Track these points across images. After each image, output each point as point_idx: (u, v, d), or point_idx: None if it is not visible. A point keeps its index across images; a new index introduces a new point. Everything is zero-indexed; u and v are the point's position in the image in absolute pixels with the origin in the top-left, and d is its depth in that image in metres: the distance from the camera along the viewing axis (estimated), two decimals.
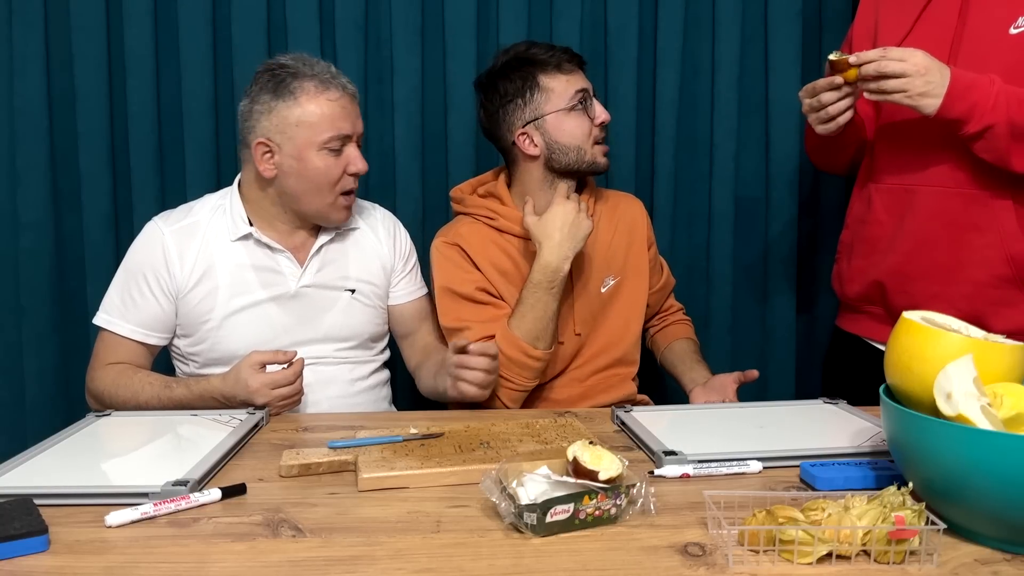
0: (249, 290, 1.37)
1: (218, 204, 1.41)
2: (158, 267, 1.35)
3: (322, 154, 1.31)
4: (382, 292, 1.49)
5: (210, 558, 0.74)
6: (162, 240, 1.36)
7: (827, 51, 1.89)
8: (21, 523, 0.75)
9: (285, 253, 1.39)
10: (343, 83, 1.34)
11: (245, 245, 1.38)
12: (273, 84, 1.31)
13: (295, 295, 1.39)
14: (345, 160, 1.34)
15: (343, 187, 1.35)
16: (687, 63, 1.89)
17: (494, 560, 0.73)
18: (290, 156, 1.31)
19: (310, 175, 1.32)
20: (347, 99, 1.34)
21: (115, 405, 1.30)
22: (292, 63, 1.33)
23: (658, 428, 1.09)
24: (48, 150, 1.78)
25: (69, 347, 1.83)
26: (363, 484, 0.91)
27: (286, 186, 1.34)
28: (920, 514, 0.72)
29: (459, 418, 1.21)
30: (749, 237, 1.96)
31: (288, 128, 1.30)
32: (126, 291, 1.36)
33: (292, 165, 1.32)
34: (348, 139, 1.34)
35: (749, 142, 1.93)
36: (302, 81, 1.30)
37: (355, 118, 1.35)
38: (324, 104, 1.30)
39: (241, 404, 1.24)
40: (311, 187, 1.33)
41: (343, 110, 1.32)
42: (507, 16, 1.82)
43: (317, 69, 1.33)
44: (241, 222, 1.37)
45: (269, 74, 1.32)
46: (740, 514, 0.79)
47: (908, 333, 0.83)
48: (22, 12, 1.74)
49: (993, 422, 0.72)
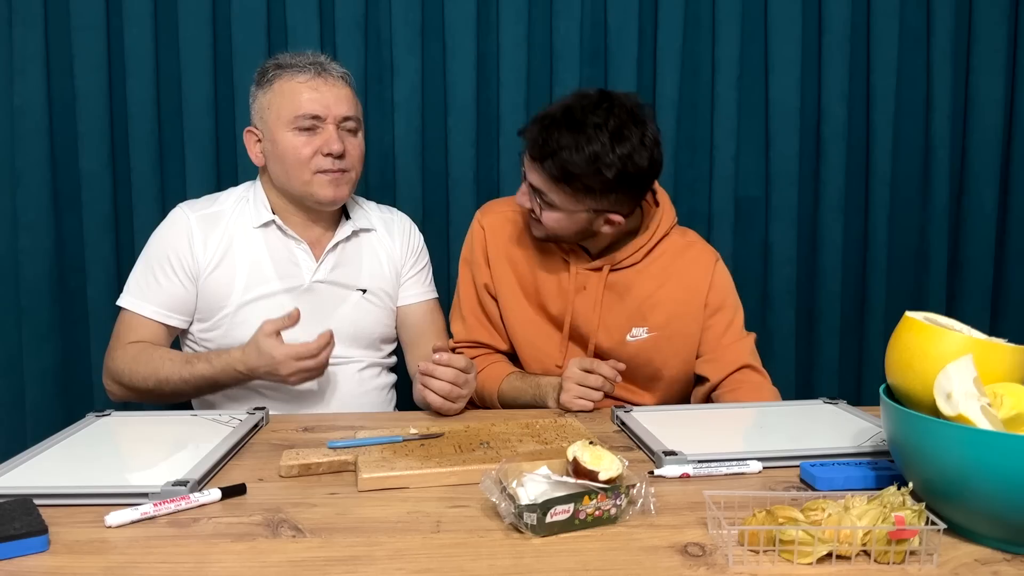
0: (265, 280, 1.38)
1: (242, 195, 1.44)
2: (182, 249, 1.37)
3: (292, 133, 1.33)
4: (393, 293, 1.49)
5: (210, 558, 0.73)
6: (187, 224, 1.38)
7: (827, 51, 1.91)
8: (21, 523, 0.75)
9: (303, 244, 1.41)
10: (324, 67, 1.35)
11: (266, 233, 1.40)
12: (259, 76, 1.38)
13: (308, 289, 1.40)
14: (319, 141, 1.34)
15: (316, 166, 1.34)
16: (687, 63, 1.89)
17: (494, 560, 0.73)
18: (268, 140, 1.36)
19: (280, 154, 1.34)
20: (321, 81, 1.34)
21: (134, 383, 1.29)
22: (283, 57, 1.37)
23: (658, 428, 1.09)
24: (48, 150, 1.78)
25: (69, 347, 1.83)
26: (363, 484, 0.91)
27: (271, 170, 1.39)
28: (920, 514, 0.72)
29: (459, 418, 1.21)
30: (749, 237, 1.96)
31: (263, 112, 1.36)
32: (149, 273, 1.37)
33: (269, 148, 1.37)
34: (320, 120, 1.33)
35: (749, 142, 1.93)
36: (281, 70, 1.35)
37: (334, 101, 1.34)
38: (293, 86, 1.33)
39: (264, 375, 1.24)
40: (285, 167, 1.35)
41: (314, 91, 1.33)
42: (507, 16, 1.82)
43: (301, 59, 1.35)
44: (264, 209, 1.40)
45: (261, 69, 1.38)
46: (740, 514, 0.79)
47: (910, 331, 0.83)
48: (22, 12, 1.74)
49: (993, 422, 0.72)
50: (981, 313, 2.00)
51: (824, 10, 1.90)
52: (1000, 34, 1.94)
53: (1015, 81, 1.98)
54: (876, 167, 1.94)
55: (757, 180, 1.95)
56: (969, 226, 2.00)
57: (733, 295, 1.42)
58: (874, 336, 1.97)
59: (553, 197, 1.25)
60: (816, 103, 1.94)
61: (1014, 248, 2.01)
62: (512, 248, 1.42)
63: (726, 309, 1.39)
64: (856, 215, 1.98)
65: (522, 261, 1.41)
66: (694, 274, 1.38)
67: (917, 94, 1.95)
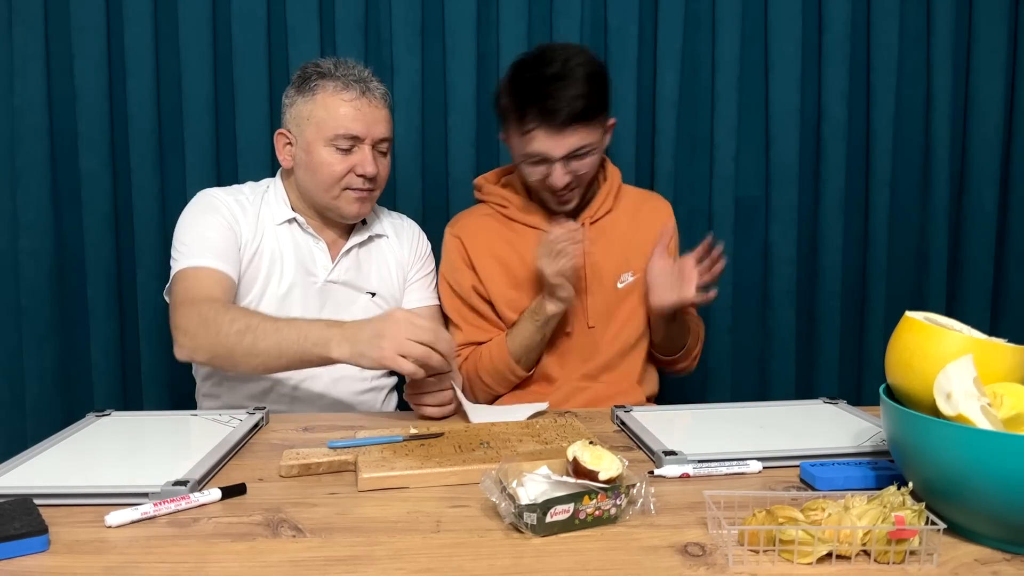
0: (283, 275, 1.39)
1: (263, 190, 1.45)
2: (224, 211, 1.35)
3: (329, 150, 1.33)
4: (399, 297, 1.51)
5: (210, 558, 0.74)
6: (225, 201, 1.37)
7: (827, 51, 1.91)
8: (21, 523, 0.75)
9: (321, 243, 1.42)
10: (368, 87, 1.35)
11: (289, 229, 1.41)
12: (300, 80, 1.37)
13: (321, 288, 1.41)
14: (354, 160, 1.34)
15: (347, 184, 1.36)
16: (687, 63, 1.89)
17: (494, 560, 0.73)
18: (302, 148, 1.36)
19: (314, 168, 1.35)
20: (365, 102, 1.34)
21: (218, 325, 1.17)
22: (326, 64, 1.36)
23: (658, 428, 1.09)
24: (48, 150, 1.78)
25: (69, 347, 1.83)
26: (363, 484, 0.91)
27: (298, 177, 1.39)
28: (920, 514, 0.72)
29: (459, 418, 1.21)
30: (749, 237, 1.96)
31: (302, 122, 1.35)
32: (195, 233, 1.32)
33: (302, 157, 1.36)
34: (359, 140, 1.34)
35: (749, 142, 1.93)
36: (325, 80, 1.34)
37: (373, 122, 1.35)
38: (338, 103, 1.32)
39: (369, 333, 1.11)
40: (316, 180, 1.36)
41: (356, 111, 1.33)
42: (507, 16, 1.82)
43: (344, 71, 1.35)
44: (285, 206, 1.41)
45: (302, 71, 1.37)
46: (740, 514, 0.79)
47: (910, 331, 0.83)
48: (22, 12, 1.74)
49: (993, 422, 0.72)
50: (981, 313, 2.00)
51: (824, 10, 1.90)
52: (1000, 34, 1.94)
53: (1015, 81, 1.97)
54: (876, 167, 1.94)
55: (757, 180, 1.95)
56: (969, 226, 2.00)
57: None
58: (874, 336, 1.97)
59: (593, 140, 1.35)
60: (816, 103, 1.94)
61: (1014, 248, 2.01)
62: (494, 243, 1.46)
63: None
64: (856, 215, 1.98)
65: (506, 252, 1.46)
66: (658, 219, 1.52)
67: (917, 94, 1.95)
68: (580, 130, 1.32)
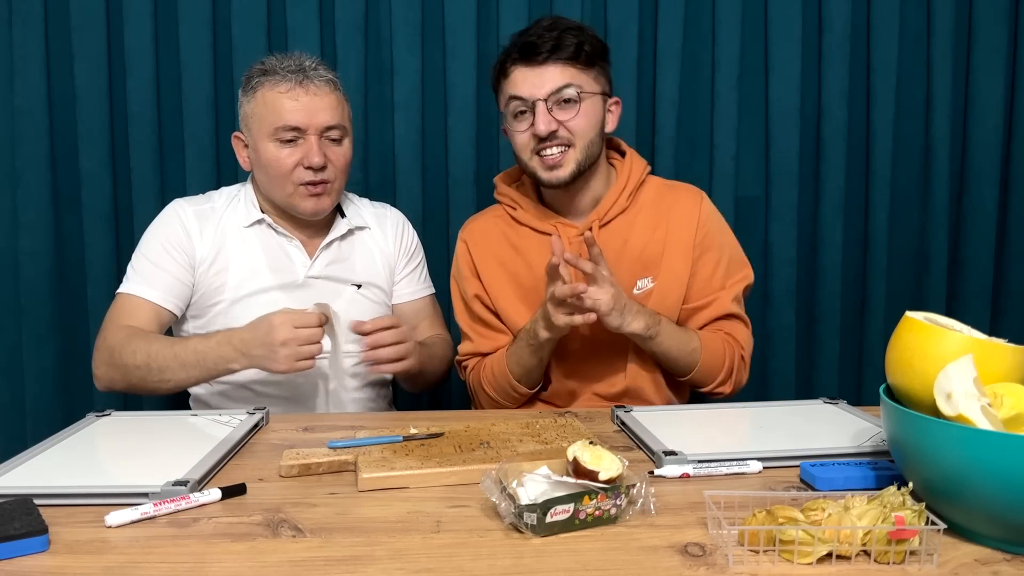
0: (258, 276, 1.39)
1: (234, 194, 1.46)
2: (179, 237, 1.38)
3: (273, 145, 1.33)
4: (387, 289, 1.50)
5: (210, 558, 0.73)
6: (185, 217, 1.40)
7: (827, 51, 1.91)
8: (21, 523, 0.75)
9: (295, 241, 1.41)
10: (307, 75, 1.33)
11: (257, 232, 1.41)
12: (245, 81, 1.38)
13: (302, 284, 1.40)
14: (301, 152, 1.33)
15: (298, 178, 1.34)
16: (687, 63, 1.89)
17: (494, 560, 0.73)
18: (253, 148, 1.37)
19: (264, 165, 1.35)
20: (302, 91, 1.32)
21: (123, 359, 1.26)
22: (270, 61, 1.36)
23: (658, 428, 1.09)
24: (48, 150, 1.78)
25: (69, 347, 1.83)
26: (363, 484, 0.91)
27: (257, 178, 1.41)
28: (920, 514, 0.72)
29: (459, 418, 1.21)
30: (749, 237, 1.96)
31: (249, 121, 1.36)
32: (146, 259, 1.37)
33: (254, 157, 1.38)
34: (301, 131, 1.33)
35: (749, 142, 1.93)
36: (265, 77, 1.34)
37: (315, 110, 1.33)
38: (275, 96, 1.33)
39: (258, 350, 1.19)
40: (268, 177, 1.36)
41: (294, 102, 1.32)
42: (507, 16, 1.82)
43: (285, 64, 1.34)
44: (253, 208, 1.42)
45: (248, 72, 1.38)
46: (740, 514, 0.79)
47: (911, 331, 0.83)
48: (22, 12, 1.74)
49: (993, 422, 0.72)
50: (981, 313, 2.00)
51: (824, 10, 1.90)
52: (1000, 34, 1.94)
53: (1015, 81, 1.97)
54: (876, 167, 1.94)
55: (757, 180, 1.95)
56: (969, 226, 2.00)
57: (721, 235, 1.40)
58: (874, 336, 1.97)
59: (580, 83, 1.26)
60: (816, 103, 1.94)
61: (1014, 248, 2.01)
62: (501, 249, 1.40)
63: (713, 250, 1.37)
64: (856, 215, 1.98)
65: (513, 258, 1.39)
66: (681, 214, 1.36)
67: (917, 94, 1.95)
68: (564, 68, 1.24)
